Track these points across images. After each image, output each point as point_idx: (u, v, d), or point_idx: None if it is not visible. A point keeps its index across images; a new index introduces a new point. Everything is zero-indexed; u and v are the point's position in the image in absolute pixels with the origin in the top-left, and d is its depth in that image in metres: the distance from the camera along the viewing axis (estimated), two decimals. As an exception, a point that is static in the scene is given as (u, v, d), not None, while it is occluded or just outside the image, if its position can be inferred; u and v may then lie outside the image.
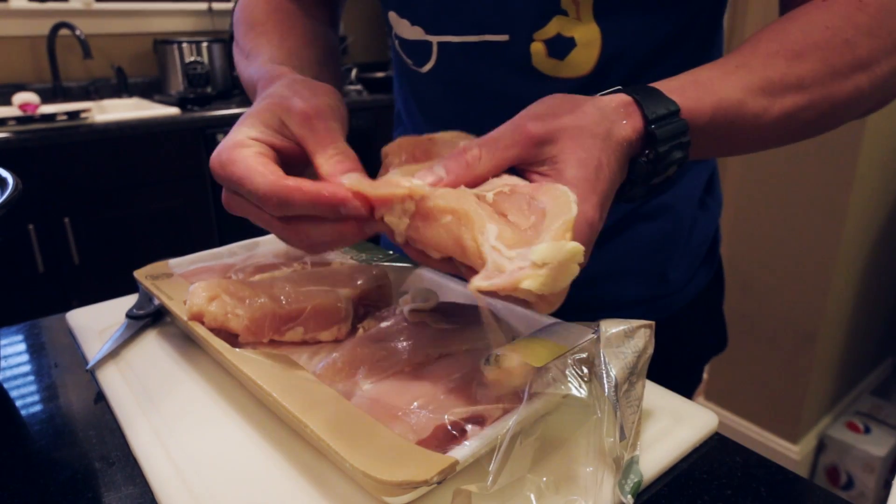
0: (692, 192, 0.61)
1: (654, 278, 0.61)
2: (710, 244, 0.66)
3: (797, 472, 0.39)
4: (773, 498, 0.36)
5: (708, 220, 0.64)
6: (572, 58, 0.52)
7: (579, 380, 0.37)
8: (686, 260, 0.63)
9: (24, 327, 0.60)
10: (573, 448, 0.38)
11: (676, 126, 0.40)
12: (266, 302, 0.49)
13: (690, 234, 0.62)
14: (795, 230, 1.57)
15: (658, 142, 0.39)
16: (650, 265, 0.60)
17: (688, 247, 0.62)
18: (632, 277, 0.60)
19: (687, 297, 0.64)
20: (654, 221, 0.59)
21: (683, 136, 0.40)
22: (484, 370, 0.39)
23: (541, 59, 0.52)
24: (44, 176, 1.72)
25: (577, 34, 0.51)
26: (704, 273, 0.66)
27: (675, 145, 0.40)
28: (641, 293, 0.61)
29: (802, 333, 1.60)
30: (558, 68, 0.52)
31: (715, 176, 0.67)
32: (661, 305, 0.62)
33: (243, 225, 0.45)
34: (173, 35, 2.36)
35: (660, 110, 0.39)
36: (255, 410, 0.44)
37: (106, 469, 0.40)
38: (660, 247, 0.60)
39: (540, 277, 0.29)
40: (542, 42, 0.51)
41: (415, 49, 0.59)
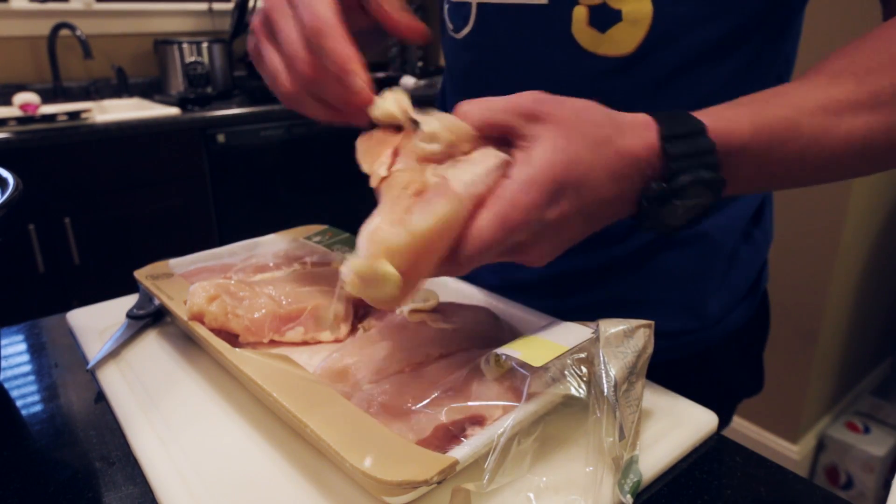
0: (735, 220, 0.56)
1: (686, 310, 0.56)
2: (754, 279, 0.61)
3: (797, 471, 0.39)
4: (772, 498, 0.36)
5: (753, 252, 0.59)
6: (614, 32, 0.47)
7: (579, 379, 0.37)
8: (724, 294, 0.58)
9: (24, 327, 0.60)
10: (573, 448, 0.38)
11: (697, 144, 0.36)
12: (266, 302, 0.49)
13: (730, 266, 0.57)
14: (795, 230, 1.57)
15: (671, 160, 0.35)
16: (681, 296, 0.56)
17: (725, 279, 0.57)
18: (661, 307, 0.56)
19: (722, 332, 0.59)
20: (687, 249, 0.54)
21: (707, 155, 0.36)
22: (484, 370, 0.39)
23: (580, 28, 0.48)
24: (44, 176, 1.72)
25: (625, 7, 0.46)
26: (744, 309, 0.61)
27: (694, 165, 0.35)
28: (671, 325, 0.56)
29: (802, 333, 1.60)
30: (597, 42, 0.48)
31: (767, 206, 0.61)
32: (693, 339, 0.58)
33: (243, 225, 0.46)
34: (174, 35, 2.36)
35: (679, 129, 0.36)
36: (255, 410, 0.44)
37: (106, 469, 0.40)
38: (693, 277, 0.55)
39: (353, 283, 0.32)
40: (586, 7, 0.47)
41: (456, 11, 0.56)
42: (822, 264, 1.53)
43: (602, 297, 0.56)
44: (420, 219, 0.32)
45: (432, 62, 2.98)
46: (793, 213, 1.56)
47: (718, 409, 0.62)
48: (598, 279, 0.56)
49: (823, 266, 1.53)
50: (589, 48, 0.49)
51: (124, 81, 2.26)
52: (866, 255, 1.64)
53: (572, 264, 0.55)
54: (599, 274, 0.56)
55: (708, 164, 0.36)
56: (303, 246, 0.67)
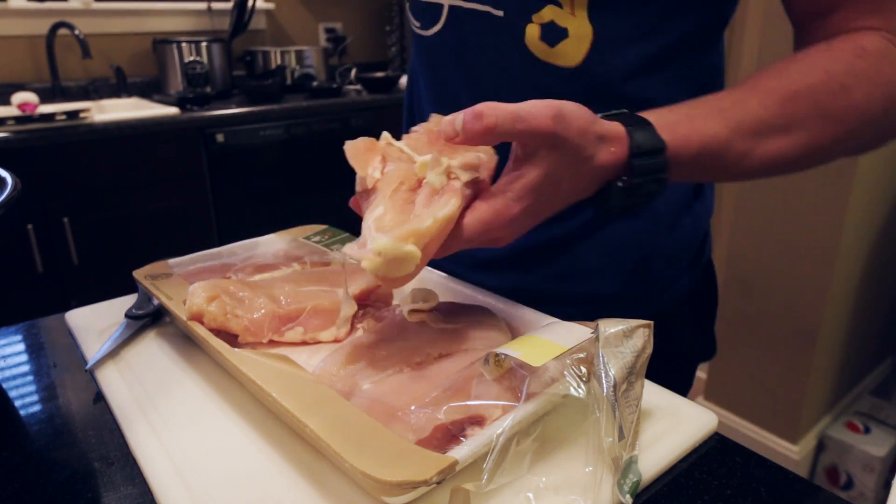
0: (676, 195, 0.62)
1: (637, 275, 0.63)
2: (697, 248, 0.67)
3: (797, 472, 0.39)
4: (772, 498, 0.36)
5: (694, 223, 0.65)
6: (562, 47, 0.53)
7: (578, 379, 0.37)
8: (668, 260, 0.64)
9: (23, 327, 0.60)
10: (572, 448, 0.38)
11: (657, 163, 0.43)
12: (266, 302, 0.49)
13: (671, 233, 0.63)
14: (795, 230, 1.57)
15: (634, 174, 0.43)
16: (631, 262, 0.62)
17: (670, 247, 0.64)
18: (612, 272, 0.62)
19: (671, 296, 0.65)
20: (635, 220, 0.61)
21: (662, 172, 0.44)
22: (483, 370, 0.39)
23: (533, 41, 0.54)
24: (43, 176, 1.72)
25: (570, 26, 0.53)
26: (690, 276, 0.67)
27: (650, 180, 0.43)
28: (623, 288, 0.63)
29: (802, 333, 1.60)
30: (548, 54, 0.54)
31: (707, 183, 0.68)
32: (644, 302, 0.64)
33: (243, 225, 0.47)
34: (172, 35, 2.36)
35: (646, 145, 0.43)
36: (254, 411, 0.44)
37: (105, 469, 0.40)
38: (641, 245, 0.62)
39: (375, 263, 0.36)
40: (538, 25, 0.53)
41: (424, 11, 0.61)
42: (823, 264, 1.53)
43: (561, 266, 0.62)
44: (442, 209, 0.38)
45: (432, 62, 2.98)
46: (793, 212, 1.56)
47: (678, 371, 0.71)
48: (556, 251, 0.62)
49: (824, 266, 1.53)
50: (541, 58, 0.55)
51: (123, 81, 2.26)
52: (866, 255, 1.64)
53: (533, 239, 0.60)
54: (557, 246, 0.61)
55: (661, 179, 0.44)
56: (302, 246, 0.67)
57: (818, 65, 0.47)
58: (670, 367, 0.64)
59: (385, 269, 0.37)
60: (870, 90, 0.46)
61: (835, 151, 0.49)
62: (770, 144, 0.47)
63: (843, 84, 0.46)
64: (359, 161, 0.44)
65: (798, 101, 0.46)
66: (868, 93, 0.46)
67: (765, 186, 1.60)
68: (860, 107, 0.46)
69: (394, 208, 0.40)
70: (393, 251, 0.36)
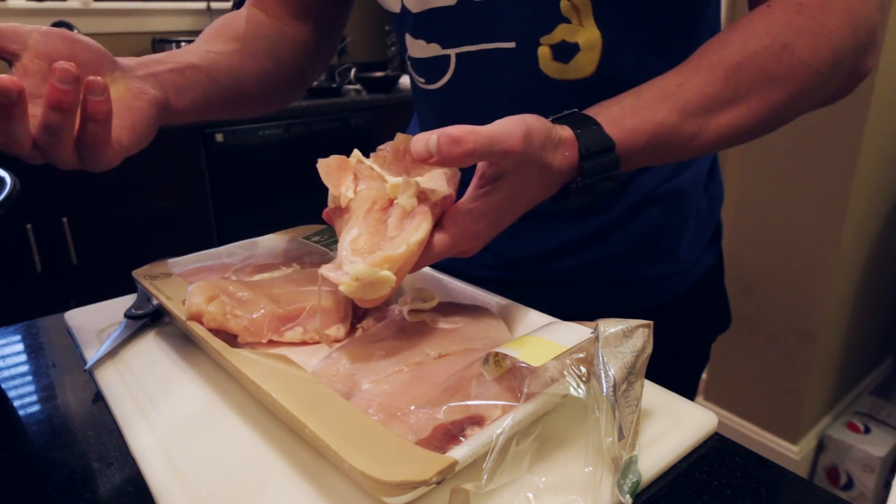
0: (697, 177, 0.65)
1: (668, 257, 0.65)
2: (714, 227, 0.70)
3: (797, 472, 0.39)
4: (772, 498, 0.36)
5: (711, 203, 0.68)
6: (576, 61, 0.55)
7: (578, 379, 0.37)
8: (693, 240, 0.66)
9: (22, 327, 0.60)
10: (572, 448, 0.38)
11: (608, 162, 0.46)
12: (265, 302, 0.49)
13: (697, 215, 0.66)
14: (795, 230, 1.57)
15: (587, 174, 0.45)
16: (661, 245, 0.64)
17: (695, 228, 0.66)
18: (648, 256, 0.64)
19: (696, 275, 0.68)
20: (665, 204, 0.63)
21: (613, 169, 0.46)
22: (483, 370, 0.39)
23: (546, 63, 0.56)
24: (41, 175, 1.72)
25: (580, 39, 0.54)
26: (711, 254, 0.70)
27: (602, 178, 0.46)
28: (657, 271, 0.65)
29: (802, 333, 1.60)
30: (563, 71, 0.56)
31: (716, 164, 0.70)
32: (674, 283, 0.66)
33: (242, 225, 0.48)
34: (172, 34, 2.36)
35: (595, 147, 0.45)
36: (254, 411, 0.43)
37: (104, 469, 0.40)
38: (671, 228, 0.64)
39: (352, 287, 0.39)
40: (548, 47, 0.55)
41: (429, 66, 0.63)
42: (823, 264, 1.53)
43: (597, 254, 0.64)
44: (414, 235, 0.41)
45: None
46: (793, 212, 1.56)
47: (699, 348, 0.74)
48: (594, 241, 0.63)
49: (824, 266, 1.53)
50: (556, 77, 0.56)
51: (123, 81, 2.26)
52: (866, 255, 1.64)
53: (570, 234, 0.63)
54: (594, 238, 0.63)
55: (612, 176, 0.46)
56: (302, 246, 0.67)
57: (758, 29, 0.47)
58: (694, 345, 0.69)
59: (361, 293, 0.39)
60: (814, 44, 0.46)
61: (792, 111, 0.49)
62: (721, 119, 0.47)
63: (785, 43, 0.46)
64: (332, 179, 0.47)
65: (742, 70, 0.46)
66: (812, 47, 0.46)
67: (765, 186, 1.60)
68: (806, 62, 0.46)
69: (367, 230, 0.43)
70: (369, 276, 0.38)
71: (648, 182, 0.62)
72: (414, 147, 0.40)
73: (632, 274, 0.64)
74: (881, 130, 1.48)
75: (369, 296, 0.40)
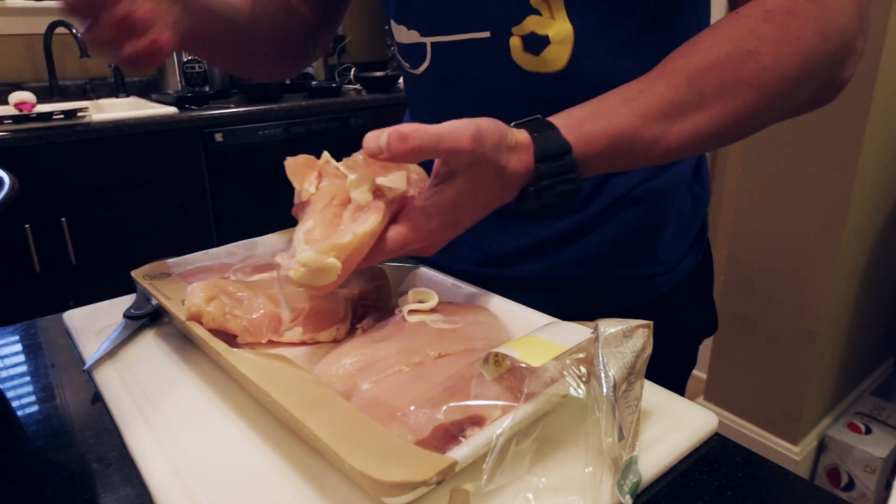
0: (679, 177, 0.65)
1: (646, 258, 0.65)
2: (698, 229, 0.70)
3: (797, 472, 0.39)
4: (773, 499, 0.36)
5: (695, 204, 0.68)
6: (547, 54, 0.55)
7: (577, 380, 0.37)
8: (675, 241, 0.66)
9: (20, 327, 0.60)
10: (572, 448, 0.38)
11: (563, 165, 0.45)
12: (264, 302, 0.48)
13: (679, 216, 0.66)
14: (796, 230, 1.57)
15: (542, 177, 0.45)
16: (642, 245, 0.64)
17: (676, 229, 0.66)
18: (626, 257, 0.64)
19: (677, 277, 0.68)
20: (644, 205, 0.62)
21: (570, 172, 0.46)
22: (483, 370, 0.39)
23: (518, 54, 0.56)
24: (40, 175, 1.72)
25: (550, 32, 0.54)
26: (693, 256, 0.70)
27: (559, 180, 0.46)
28: (635, 272, 0.65)
29: (802, 333, 1.60)
30: (535, 63, 0.56)
31: (702, 165, 0.69)
32: (654, 284, 0.66)
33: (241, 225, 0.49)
34: (171, 34, 2.35)
35: (550, 150, 0.45)
36: (253, 411, 0.43)
37: (103, 470, 0.40)
38: (650, 228, 0.64)
39: (299, 272, 0.41)
40: (519, 38, 0.55)
41: (411, 52, 0.64)
42: (823, 264, 1.53)
43: (574, 255, 0.64)
44: (361, 226, 0.42)
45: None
46: (793, 212, 1.56)
47: (683, 350, 0.73)
48: (569, 241, 0.63)
49: (824, 266, 1.53)
50: (528, 69, 0.56)
51: (121, 80, 2.26)
52: (867, 255, 1.64)
53: (547, 231, 0.63)
54: (570, 236, 0.63)
55: (569, 179, 0.46)
56: (301, 245, 0.67)
57: (723, 36, 0.47)
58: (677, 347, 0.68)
59: (309, 279, 0.41)
60: (779, 51, 0.46)
61: (759, 119, 0.49)
62: (684, 125, 0.47)
63: (749, 50, 0.46)
64: (297, 176, 0.49)
65: (706, 77, 0.46)
66: (777, 54, 0.46)
67: (765, 185, 1.60)
68: (771, 69, 0.46)
69: (323, 222, 0.45)
70: (316, 262, 0.40)
71: (626, 182, 0.62)
72: (366, 143, 0.41)
73: (610, 274, 0.64)
74: (882, 130, 1.48)
75: (316, 282, 0.41)
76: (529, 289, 0.64)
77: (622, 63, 0.55)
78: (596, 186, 0.61)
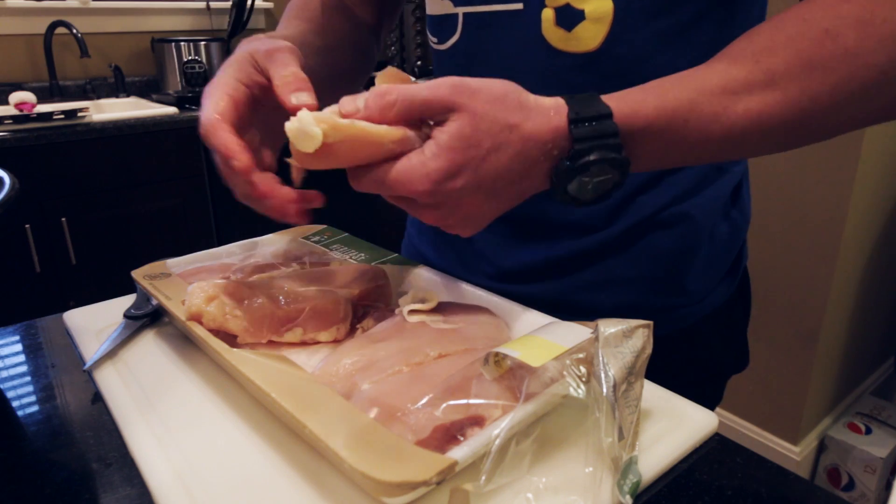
0: (714, 202, 0.59)
1: (671, 287, 0.59)
2: (734, 258, 0.64)
3: (798, 472, 0.38)
4: (773, 499, 0.36)
5: (732, 232, 0.62)
6: (579, 31, 0.51)
7: (577, 380, 0.37)
8: (705, 271, 0.60)
9: (20, 327, 0.60)
10: (571, 448, 0.38)
11: (602, 127, 0.40)
12: (265, 302, 0.48)
13: (711, 244, 0.60)
14: (796, 230, 1.57)
15: (577, 140, 0.40)
16: (666, 273, 0.59)
17: (707, 258, 0.60)
18: (647, 284, 0.59)
19: (705, 309, 0.62)
20: (671, 229, 0.57)
21: (611, 137, 0.40)
22: (483, 370, 0.39)
23: (549, 27, 0.52)
24: (41, 175, 1.72)
25: (587, 7, 0.50)
26: (726, 287, 0.64)
27: (599, 146, 0.40)
28: (657, 301, 0.60)
29: (803, 333, 1.60)
30: (566, 40, 0.52)
31: (743, 187, 0.64)
32: (678, 316, 0.61)
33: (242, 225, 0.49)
34: (171, 34, 2.36)
35: (586, 112, 0.40)
36: (253, 411, 0.43)
37: (103, 470, 0.40)
38: (677, 256, 0.58)
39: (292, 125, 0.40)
40: (553, 9, 0.51)
41: (441, 25, 0.61)
42: (824, 264, 1.53)
43: (592, 277, 0.59)
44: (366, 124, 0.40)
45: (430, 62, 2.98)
46: (794, 212, 1.56)
47: (707, 385, 0.67)
48: (588, 262, 0.59)
49: (825, 266, 1.53)
50: (558, 46, 0.52)
51: (121, 80, 2.26)
52: (868, 255, 1.64)
53: (565, 249, 0.59)
54: (589, 257, 0.59)
55: (612, 146, 0.40)
56: (301, 246, 0.67)
57: (794, 16, 0.42)
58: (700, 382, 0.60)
59: (294, 135, 0.40)
60: (862, 32, 0.39)
61: (838, 113, 0.42)
62: (749, 102, 0.41)
63: (827, 29, 0.40)
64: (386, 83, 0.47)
65: (774, 54, 0.41)
66: (861, 36, 0.39)
67: (765, 185, 1.60)
68: (853, 52, 0.39)
69: None
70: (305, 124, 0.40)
71: (653, 202, 0.57)
72: (343, 104, 0.40)
73: (629, 302, 0.59)
74: (883, 131, 1.48)
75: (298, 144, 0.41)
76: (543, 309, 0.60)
77: (661, 55, 0.51)
78: (620, 204, 0.57)
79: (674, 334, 0.60)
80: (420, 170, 0.39)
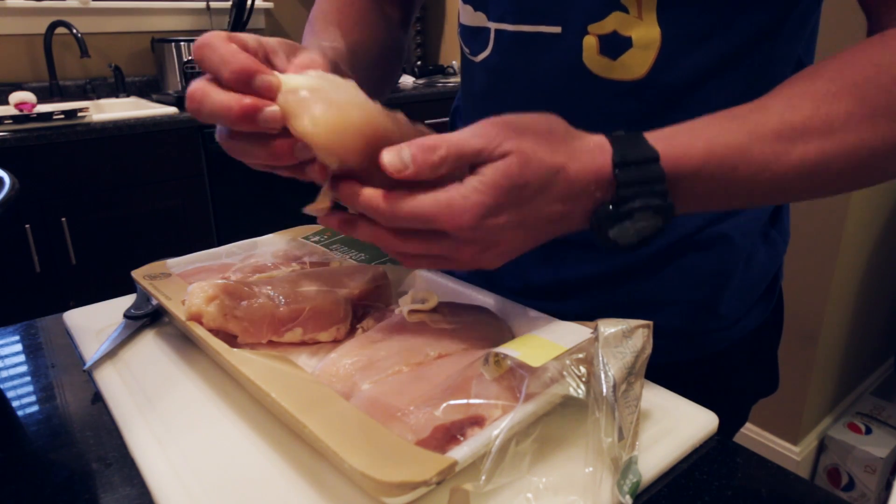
0: (753, 223, 0.57)
1: (704, 311, 0.57)
2: (770, 280, 0.61)
3: (798, 472, 0.39)
4: (773, 499, 0.36)
5: (770, 254, 0.60)
6: (625, 59, 0.49)
7: (577, 380, 0.37)
8: (740, 295, 0.58)
9: (21, 327, 0.60)
10: (571, 448, 0.38)
11: (648, 172, 0.38)
12: (265, 302, 0.48)
13: (748, 267, 0.57)
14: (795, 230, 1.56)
15: (621, 186, 0.38)
16: (700, 296, 0.56)
17: (744, 281, 0.58)
18: (680, 307, 0.56)
19: (738, 333, 0.60)
20: (707, 251, 0.55)
21: (657, 183, 0.38)
22: (483, 370, 0.39)
23: (591, 56, 0.49)
24: (41, 176, 1.72)
25: (635, 34, 0.48)
26: (760, 310, 0.62)
27: (644, 192, 0.38)
28: (689, 325, 0.57)
29: (803, 334, 1.60)
30: (609, 68, 0.49)
31: (784, 206, 0.61)
32: (710, 340, 0.58)
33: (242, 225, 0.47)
34: (171, 34, 2.36)
35: (632, 155, 0.38)
36: (253, 411, 0.43)
37: (103, 470, 0.40)
38: (712, 278, 0.56)
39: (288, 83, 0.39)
40: (595, 37, 0.49)
41: (474, 36, 0.58)
42: (824, 265, 1.53)
43: (622, 298, 0.57)
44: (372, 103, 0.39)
45: (431, 61, 2.98)
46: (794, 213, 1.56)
47: (734, 408, 0.63)
48: (618, 282, 0.57)
49: (825, 266, 1.53)
50: (601, 74, 0.50)
51: (121, 80, 2.26)
52: (867, 256, 1.64)
53: (594, 268, 0.57)
54: (620, 277, 0.56)
55: (657, 192, 0.38)
56: (302, 246, 0.67)
57: (864, 59, 0.40)
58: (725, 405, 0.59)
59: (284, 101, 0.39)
60: None
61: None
62: (805, 149, 0.39)
63: None
64: None
65: (839, 99, 0.39)
66: None
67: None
68: None
69: None
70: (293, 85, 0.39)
71: (689, 223, 0.54)
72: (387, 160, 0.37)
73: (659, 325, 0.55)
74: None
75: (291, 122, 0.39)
76: None
77: (710, 82, 0.49)
78: None
79: (706, 357, 0.58)
80: (462, 203, 0.36)
